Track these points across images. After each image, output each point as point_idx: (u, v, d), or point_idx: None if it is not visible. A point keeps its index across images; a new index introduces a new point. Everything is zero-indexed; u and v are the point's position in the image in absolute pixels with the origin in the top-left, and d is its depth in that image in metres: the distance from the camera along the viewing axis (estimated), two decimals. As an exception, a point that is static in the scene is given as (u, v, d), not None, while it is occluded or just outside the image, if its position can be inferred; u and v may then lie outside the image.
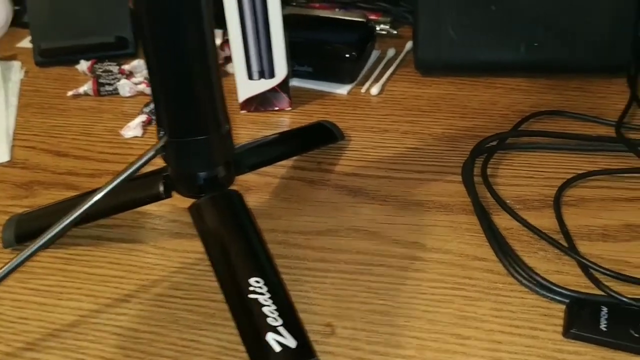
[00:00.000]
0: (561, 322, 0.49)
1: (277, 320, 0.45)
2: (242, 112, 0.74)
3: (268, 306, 0.46)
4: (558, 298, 0.51)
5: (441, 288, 0.52)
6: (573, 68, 0.77)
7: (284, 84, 0.72)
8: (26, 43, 0.91)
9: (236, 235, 0.50)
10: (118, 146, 0.71)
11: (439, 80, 0.78)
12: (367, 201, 0.61)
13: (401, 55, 0.83)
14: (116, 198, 0.56)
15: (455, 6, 0.74)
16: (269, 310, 0.46)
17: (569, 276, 0.53)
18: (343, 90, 0.77)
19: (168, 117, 0.48)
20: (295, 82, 0.79)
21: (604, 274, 0.52)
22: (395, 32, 0.87)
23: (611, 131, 0.67)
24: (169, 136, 0.48)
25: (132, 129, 0.72)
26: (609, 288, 0.50)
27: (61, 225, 0.47)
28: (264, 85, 0.72)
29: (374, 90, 0.76)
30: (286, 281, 0.53)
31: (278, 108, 0.74)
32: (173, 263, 0.56)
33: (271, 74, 0.71)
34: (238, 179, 0.63)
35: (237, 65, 0.71)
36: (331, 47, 0.77)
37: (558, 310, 0.50)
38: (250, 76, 0.71)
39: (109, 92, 0.79)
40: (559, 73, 0.77)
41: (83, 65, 0.83)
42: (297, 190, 0.63)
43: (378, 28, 0.88)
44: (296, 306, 0.51)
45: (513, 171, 0.64)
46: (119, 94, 0.79)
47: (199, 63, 0.46)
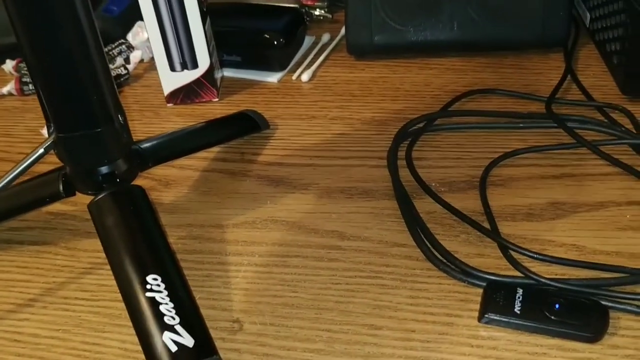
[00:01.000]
0: (478, 308, 0.47)
1: (174, 318, 0.43)
2: (169, 105, 0.72)
3: (165, 304, 0.44)
4: (476, 282, 0.49)
5: (357, 277, 0.50)
6: (508, 45, 0.75)
7: (209, 75, 0.70)
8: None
9: (135, 232, 0.48)
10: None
11: (373, 63, 0.76)
12: (289, 190, 0.59)
13: (335, 40, 0.80)
14: (17, 199, 0.53)
15: (384, -14, 0.72)
16: (166, 308, 0.44)
17: (490, 259, 0.51)
18: (273, 78, 0.75)
19: (53, 111, 0.45)
20: (226, 72, 0.76)
21: (524, 255, 0.50)
22: (330, 17, 0.85)
23: (543, 107, 0.65)
24: (57, 131, 0.46)
25: (53, 128, 0.69)
26: (527, 269, 0.48)
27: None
28: (188, 76, 0.70)
29: (305, 76, 0.74)
30: (197, 277, 0.51)
31: (205, 99, 0.72)
32: (82, 264, 0.54)
33: (194, 65, 0.69)
34: (157, 174, 0.62)
35: (158, 57, 0.68)
36: (259, 35, 0.74)
37: (476, 294, 0.48)
38: (172, 68, 0.69)
39: (33, 91, 0.76)
40: (495, 51, 0.75)
41: (8, 64, 0.80)
42: (217, 182, 0.61)
43: (316, 13, 0.86)
44: (205, 303, 0.49)
45: (441, 153, 0.62)
46: (44, 93, 0.76)
47: (78, 50, 0.43)
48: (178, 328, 0.43)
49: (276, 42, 0.74)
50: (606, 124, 0.62)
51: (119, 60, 0.78)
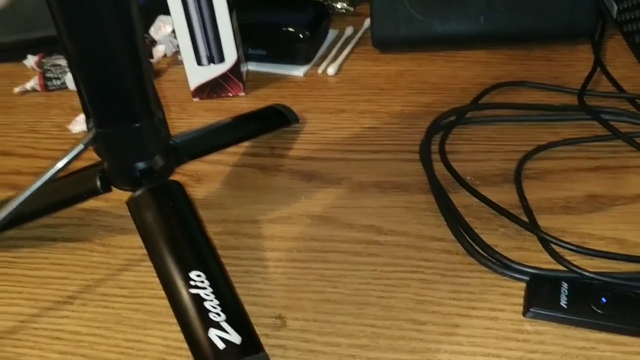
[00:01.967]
0: (521, 302, 0.47)
1: (220, 315, 0.43)
2: (195, 100, 0.72)
3: (210, 301, 0.43)
4: (518, 276, 0.48)
5: (397, 272, 0.50)
6: (535, 36, 0.74)
7: (235, 69, 0.69)
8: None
9: (176, 228, 0.47)
10: (65, 142, 0.68)
11: (398, 56, 0.76)
12: (322, 185, 0.59)
13: (359, 33, 0.80)
14: (55, 195, 0.53)
15: (410, -21, 0.72)
16: (211, 305, 0.43)
17: (530, 252, 0.50)
18: (299, 72, 0.74)
19: (94, 107, 0.45)
20: (251, 66, 0.76)
21: (565, 248, 0.49)
22: (353, 10, 0.85)
23: (574, 100, 0.65)
24: (97, 127, 0.46)
25: (80, 123, 0.69)
26: (570, 263, 0.48)
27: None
28: (215, 71, 0.69)
29: (331, 70, 0.74)
30: (236, 273, 0.51)
31: (231, 94, 0.71)
32: (118, 260, 0.54)
33: (220, 59, 0.68)
34: (188, 169, 0.61)
35: (185, 51, 0.68)
36: (284, 29, 0.74)
37: (518, 288, 0.48)
38: (199, 62, 0.69)
39: (58, 87, 0.76)
40: (521, 42, 0.75)
41: (30, 60, 0.80)
42: (249, 177, 0.60)
43: (338, 6, 0.86)
44: (246, 299, 0.49)
45: (473, 146, 0.62)
46: (68, 88, 0.76)
47: (121, 45, 0.43)
48: (224, 325, 0.43)
49: (302, 36, 0.73)
50: (640, 116, 0.62)
51: (142, 54, 0.77)
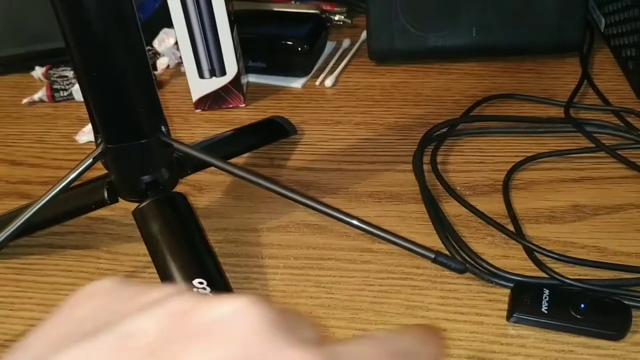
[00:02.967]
0: (506, 307, 0.49)
1: (221, 320, 0.46)
2: (197, 112, 0.74)
3: (212, 307, 0.46)
4: (503, 283, 0.51)
5: (389, 279, 0.53)
6: (525, 50, 0.77)
7: (236, 81, 0.72)
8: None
9: (179, 238, 0.50)
10: (72, 152, 0.71)
11: (393, 68, 0.79)
12: (318, 195, 0.61)
13: (356, 45, 0.83)
14: (64, 205, 0.56)
15: (405, -7, 0.75)
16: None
17: (515, 260, 0.53)
18: (297, 84, 0.77)
19: (103, 123, 0.48)
20: (250, 78, 0.79)
21: (548, 256, 0.52)
22: (350, 22, 0.87)
23: (562, 112, 0.68)
24: (106, 142, 0.48)
25: (87, 134, 0.72)
26: (552, 270, 0.50)
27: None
28: (216, 83, 0.72)
29: (328, 82, 0.76)
30: (236, 279, 0.54)
31: (232, 105, 0.74)
32: (125, 267, 0.56)
33: (222, 72, 0.71)
34: (190, 179, 0.64)
35: (187, 64, 0.71)
36: (283, 42, 0.76)
37: (503, 295, 0.50)
38: (201, 75, 0.71)
39: (64, 98, 0.79)
40: (512, 55, 0.77)
41: (38, 71, 0.82)
42: (249, 187, 0.63)
43: (336, 18, 0.88)
44: (245, 304, 0.51)
45: (464, 157, 0.64)
46: (75, 99, 0.79)
47: (129, 67, 0.46)
48: (225, 329, 0.45)
49: (300, 49, 0.76)
50: (623, 128, 0.64)
51: (146, 66, 0.80)
